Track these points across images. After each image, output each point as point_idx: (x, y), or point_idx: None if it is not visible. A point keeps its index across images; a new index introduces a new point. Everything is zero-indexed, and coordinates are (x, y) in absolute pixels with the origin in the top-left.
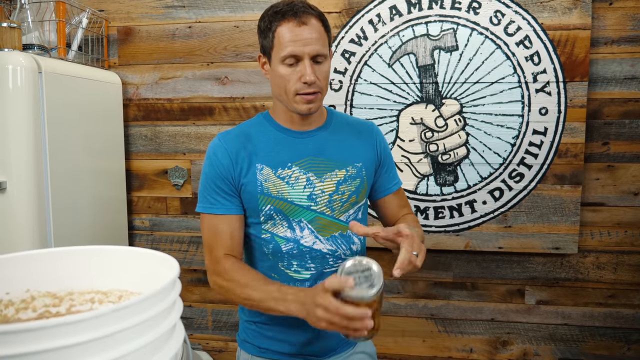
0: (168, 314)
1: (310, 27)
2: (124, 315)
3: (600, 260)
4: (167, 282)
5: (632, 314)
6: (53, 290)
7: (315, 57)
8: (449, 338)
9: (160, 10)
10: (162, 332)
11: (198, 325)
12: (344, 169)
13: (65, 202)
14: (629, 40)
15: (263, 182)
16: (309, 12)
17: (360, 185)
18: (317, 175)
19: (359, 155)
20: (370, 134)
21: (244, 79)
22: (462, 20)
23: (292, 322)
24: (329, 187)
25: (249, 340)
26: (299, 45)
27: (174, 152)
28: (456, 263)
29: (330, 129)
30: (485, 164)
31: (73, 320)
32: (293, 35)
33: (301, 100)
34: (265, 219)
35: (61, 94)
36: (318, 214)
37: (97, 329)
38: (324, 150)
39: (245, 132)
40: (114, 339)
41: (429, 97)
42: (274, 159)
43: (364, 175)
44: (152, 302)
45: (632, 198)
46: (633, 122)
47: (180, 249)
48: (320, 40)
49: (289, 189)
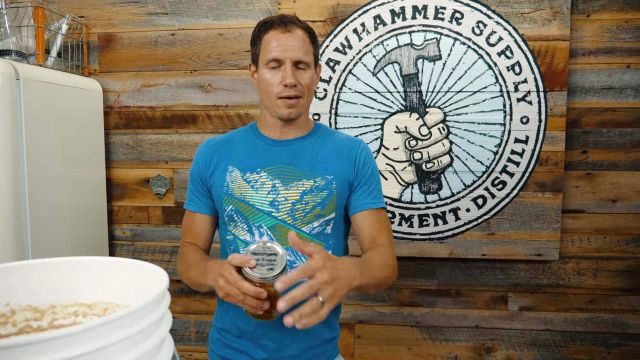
0: (157, 327)
1: (294, 36)
2: (112, 328)
3: (581, 266)
4: (156, 294)
5: (612, 319)
6: (34, 303)
7: (298, 64)
8: (434, 345)
9: (143, 17)
10: (151, 346)
11: (181, 337)
12: (312, 179)
13: (43, 212)
14: (606, 52)
15: (229, 184)
16: (295, 23)
17: (327, 198)
18: (283, 182)
19: (331, 168)
20: (352, 149)
21: (228, 87)
22: (445, 30)
23: (252, 335)
24: (293, 195)
25: (214, 350)
26: (282, 50)
27: (156, 160)
28: (440, 270)
29: (309, 140)
30: (469, 172)
31: (59, 335)
32: (277, 41)
33: (282, 104)
34: (228, 220)
35: (40, 101)
36: (279, 221)
37: (84, 343)
38: (296, 159)
39: (229, 138)
40: (101, 354)
41: (413, 105)
42: (244, 163)
43: (333, 188)
44: (141, 314)
45: (610, 205)
46: (610, 130)
47: (163, 259)
48: (302, 48)
49: (253, 192)
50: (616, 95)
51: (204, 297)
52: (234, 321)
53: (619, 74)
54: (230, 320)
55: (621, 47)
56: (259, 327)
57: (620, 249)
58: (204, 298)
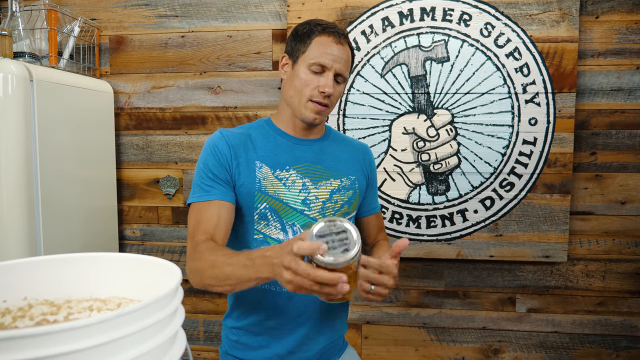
0: (170, 321)
1: (344, 49)
2: (126, 321)
3: (589, 269)
4: (170, 289)
5: (620, 321)
6: (51, 298)
7: (337, 76)
8: (441, 347)
9: (153, 19)
10: (164, 339)
11: (189, 336)
12: (339, 179)
13: (55, 212)
14: (615, 53)
15: (261, 180)
16: (347, 38)
17: (352, 197)
18: (313, 181)
19: (353, 169)
20: (364, 155)
21: (237, 89)
22: (453, 32)
23: (272, 331)
24: (323, 194)
25: (230, 352)
26: (331, 59)
27: (166, 161)
28: (448, 272)
29: (328, 142)
30: (477, 173)
31: (76, 325)
32: (328, 48)
33: (312, 108)
34: (259, 218)
35: (52, 102)
36: (310, 219)
37: (100, 335)
38: (321, 159)
39: (246, 132)
40: (116, 346)
41: (421, 107)
42: (272, 160)
43: (356, 188)
44: (155, 308)
45: (619, 207)
46: (619, 132)
47: (172, 258)
48: (347, 63)
49: (286, 190)
50: (625, 97)
51: (212, 296)
52: (257, 319)
53: (628, 76)
54: (253, 318)
55: (630, 48)
56: (285, 324)
57: (629, 251)
58: (213, 298)
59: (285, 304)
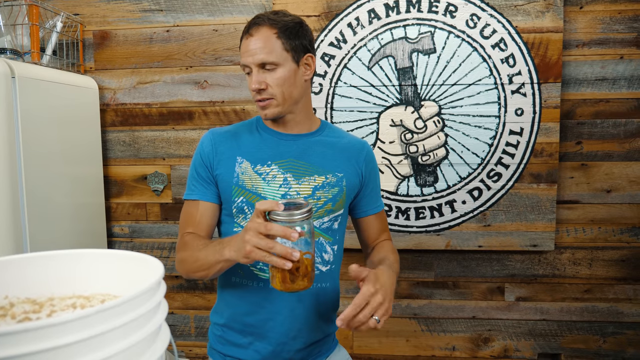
0: (153, 316)
1: (256, 37)
2: (108, 316)
3: (576, 257)
4: (152, 282)
5: (607, 308)
6: (33, 296)
7: (264, 65)
8: (432, 337)
9: (137, 14)
10: (147, 333)
11: (181, 332)
12: (324, 175)
13: (41, 211)
14: (599, 43)
15: (240, 175)
16: (259, 22)
17: (338, 195)
18: (295, 177)
19: (342, 166)
20: (360, 151)
21: (224, 83)
22: (439, 24)
23: (252, 328)
24: (305, 190)
25: (215, 348)
26: (246, 56)
27: (153, 157)
28: (437, 262)
29: (318, 137)
30: (464, 164)
31: (56, 322)
32: (245, 47)
33: (259, 106)
34: (237, 212)
35: (36, 99)
36: None
37: (80, 331)
38: (307, 154)
39: (235, 130)
40: (98, 341)
41: (408, 99)
42: (254, 155)
43: (343, 185)
44: (136, 303)
45: (605, 195)
46: (604, 121)
47: (161, 255)
48: (265, 48)
49: (264, 184)
50: (610, 86)
51: (203, 292)
52: (238, 315)
53: (613, 65)
54: (234, 314)
55: (614, 38)
56: (265, 321)
57: (615, 239)
58: (204, 293)
59: (265, 300)
